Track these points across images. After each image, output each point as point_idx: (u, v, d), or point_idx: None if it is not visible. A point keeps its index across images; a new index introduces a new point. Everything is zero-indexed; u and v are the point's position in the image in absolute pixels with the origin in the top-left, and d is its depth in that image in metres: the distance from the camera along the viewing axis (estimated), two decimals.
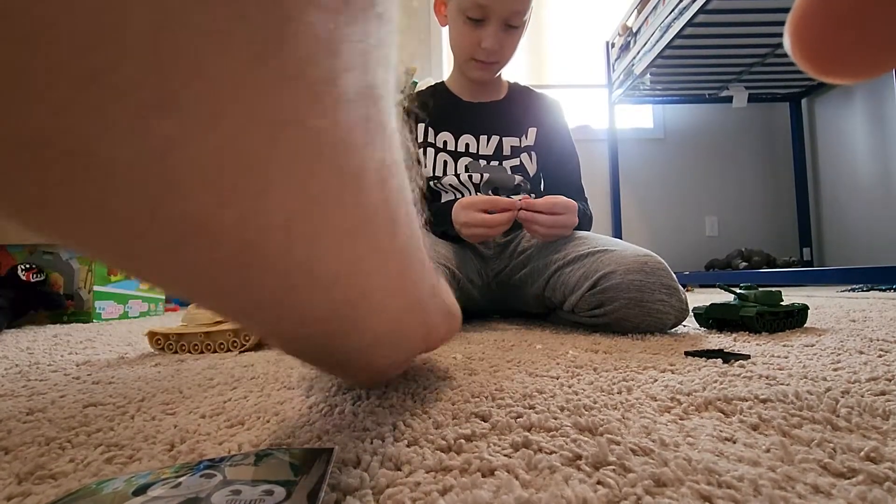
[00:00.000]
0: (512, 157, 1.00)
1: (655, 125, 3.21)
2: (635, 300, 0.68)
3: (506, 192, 0.98)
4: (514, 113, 1.02)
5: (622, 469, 0.22)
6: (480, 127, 1.00)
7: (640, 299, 0.68)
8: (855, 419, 0.28)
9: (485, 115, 1.01)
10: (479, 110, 1.01)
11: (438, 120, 1.00)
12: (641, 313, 0.68)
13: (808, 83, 2.79)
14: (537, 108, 1.04)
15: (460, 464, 0.22)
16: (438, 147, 0.99)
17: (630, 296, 0.68)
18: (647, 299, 0.68)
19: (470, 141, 0.99)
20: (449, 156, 1.00)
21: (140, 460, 0.25)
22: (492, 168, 0.99)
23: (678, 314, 0.70)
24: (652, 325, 0.69)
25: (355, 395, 0.36)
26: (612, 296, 0.69)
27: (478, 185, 0.98)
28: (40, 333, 0.88)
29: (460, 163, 1.00)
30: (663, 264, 0.73)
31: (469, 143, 0.99)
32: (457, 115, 1.01)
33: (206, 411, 0.33)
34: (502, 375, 0.42)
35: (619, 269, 0.71)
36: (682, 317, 0.70)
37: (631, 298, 0.68)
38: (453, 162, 1.00)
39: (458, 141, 0.99)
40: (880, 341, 0.56)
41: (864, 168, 2.61)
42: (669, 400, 0.33)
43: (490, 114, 1.01)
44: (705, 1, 1.91)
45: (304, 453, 0.23)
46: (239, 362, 0.53)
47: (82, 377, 0.47)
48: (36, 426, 0.30)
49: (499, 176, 0.98)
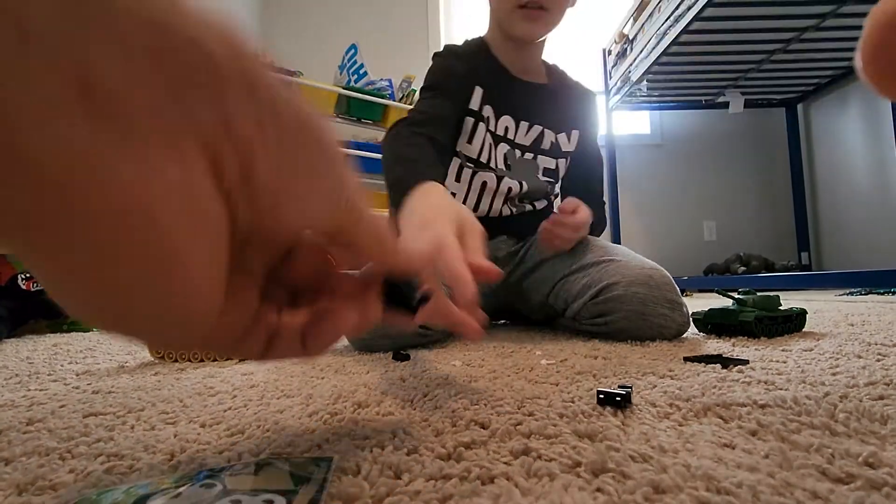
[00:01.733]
0: (549, 155, 0.91)
1: (653, 131, 3.23)
2: (637, 312, 0.68)
3: (532, 203, 0.93)
4: (558, 104, 0.91)
5: (621, 476, 0.22)
6: (523, 111, 0.87)
7: (641, 312, 0.68)
8: (853, 424, 0.28)
9: (529, 98, 0.88)
10: (524, 90, 0.88)
11: (486, 90, 0.86)
12: (643, 326, 0.68)
13: (803, 88, 2.81)
14: (579, 103, 0.94)
15: (460, 472, 0.23)
16: (486, 120, 0.85)
17: (632, 308, 0.68)
18: (649, 312, 0.68)
19: (509, 125, 0.87)
20: (492, 137, 0.87)
21: (140, 470, 0.25)
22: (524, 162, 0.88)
23: (679, 328, 0.69)
24: (652, 337, 0.68)
25: (355, 402, 0.36)
26: (614, 306, 0.69)
27: (513, 199, 0.89)
28: (40, 343, 0.88)
29: (499, 149, 0.87)
30: (668, 278, 0.72)
31: (508, 128, 0.87)
32: (502, 89, 0.86)
33: (206, 420, 0.33)
34: (502, 382, 0.42)
35: (623, 280, 0.70)
36: (682, 330, 0.70)
37: (633, 310, 0.68)
38: (494, 146, 0.87)
39: (499, 122, 0.86)
40: (878, 345, 0.56)
41: (860, 172, 2.62)
42: (668, 406, 0.33)
43: (534, 98, 0.88)
44: (700, 8, 1.93)
45: (304, 462, 0.23)
46: (238, 371, 0.53)
47: (82, 387, 0.47)
48: (36, 436, 0.30)
49: (535, 186, 0.89)
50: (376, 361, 0.56)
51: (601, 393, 0.33)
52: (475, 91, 0.84)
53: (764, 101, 2.96)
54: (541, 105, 0.89)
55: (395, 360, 0.56)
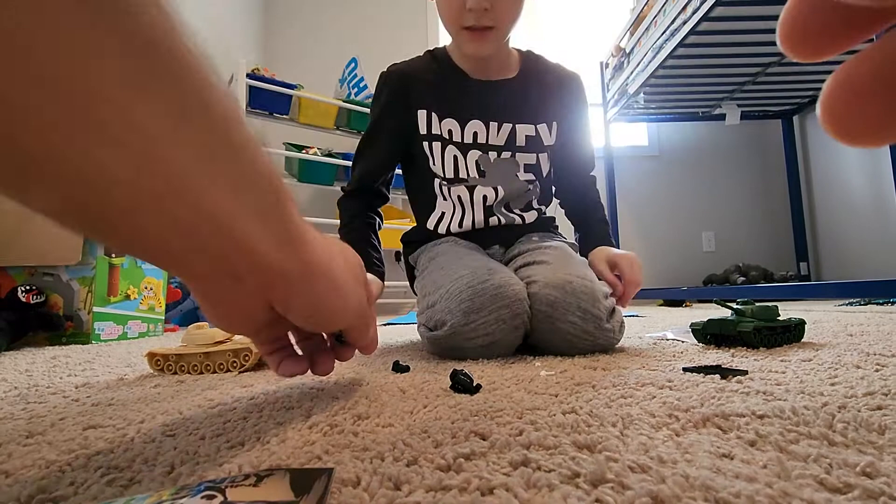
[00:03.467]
0: (527, 151, 0.87)
1: (650, 143, 3.26)
2: (545, 314, 0.65)
3: (518, 206, 0.89)
4: (529, 94, 0.87)
5: (620, 486, 0.22)
6: (490, 111, 0.85)
7: (549, 315, 0.65)
8: (851, 434, 0.28)
9: (495, 97, 0.85)
10: (487, 90, 0.86)
11: (440, 102, 0.85)
12: (550, 330, 0.65)
13: (799, 101, 2.84)
14: (557, 88, 0.89)
15: (459, 483, 0.23)
16: (445, 138, 0.84)
17: (540, 309, 0.66)
18: (557, 317, 0.65)
19: (479, 129, 0.84)
20: (457, 149, 0.84)
21: (140, 483, 0.25)
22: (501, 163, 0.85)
23: (593, 341, 0.65)
24: (566, 348, 0.65)
25: (355, 414, 0.36)
26: (530, 304, 0.67)
27: (490, 208, 0.86)
28: (39, 355, 0.88)
29: (470, 157, 0.84)
30: (590, 289, 0.66)
31: (477, 132, 0.84)
32: (462, 95, 0.85)
33: (206, 433, 0.33)
34: (501, 393, 0.42)
35: (540, 280, 0.68)
36: (600, 344, 0.66)
37: (541, 311, 0.66)
38: (463, 157, 0.84)
39: (465, 129, 0.84)
40: (877, 356, 0.56)
41: (857, 182, 2.64)
42: (667, 416, 0.33)
43: (501, 95, 0.86)
44: (696, 22, 1.96)
45: (304, 473, 0.23)
46: (238, 382, 0.53)
47: (81, 399, 0.47)
48: (36, 449, 0.30)
49: (513, 189, 0.86)
50: (376, 373, 0.56)
51: (456, 382, 0.44)
52: (419, 115, 0.85)
53: (760, 112, 2.99)
54: (510, 100, 0.86)
55: (394, 371, 0.56)
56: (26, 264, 1.14)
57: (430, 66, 0.88)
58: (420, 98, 0.86)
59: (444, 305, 0.67)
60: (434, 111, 0.85)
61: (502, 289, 0.65)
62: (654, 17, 2.29)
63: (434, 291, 0.71)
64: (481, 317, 0.64)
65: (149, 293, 1.33)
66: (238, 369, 0.62)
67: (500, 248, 0.89)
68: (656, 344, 0.78)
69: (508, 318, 0.64)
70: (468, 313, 0.64)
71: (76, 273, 1.15)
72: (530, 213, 0.90)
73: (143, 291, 1.30)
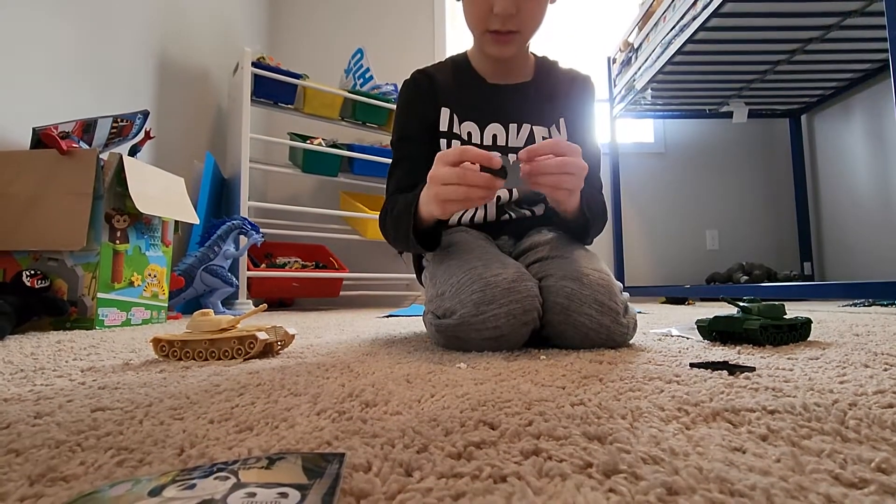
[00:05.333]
0: None
1: (656, 139, 3.24)
2: (562, 307, 0.65)
3: (529, 204, 0.89)
4: (542, 97, 0.90)
5: (633, 477, 0.22)
6: (508, 114, 0.87)
7: (566, 307, 0.65)
8: (864, 431, 0.28)
9: (513, 100, 0.88)
10: (506, 94, 0.88)
11: (461, 104, 0.87)
12: (565, 322, 0.65)
13: (807, 99, 2.82)
14: (566, 90, 0.91)
15: (471, 470, 0.22)
16: (464, 140, 0.86)
17: (557, 300, 0.66)
18: (573, 310, 0.65)
19: (498, 131, 0.86)
20: None
21: (150, 464, 0.25)
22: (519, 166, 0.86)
23: (609, 334, 0.65)
24: (581, 341, 0.65)
25: (363, 401, 0.36)
26: (545, 297, 0.67)
27: (503, 206, 0.88)
28: (44, 339, 0.88)
29: None
30: (607, 282, 0.67)
31: (497, 135, 0.86)
32: (482, 99, 0.88)
33: (214, 416, 0.33)
34: (508, 385, 0.42)
35: (556, 273, 0.68)
36: (616, 338, 0.66)
37: (557, 303, 0.66)
38: None
39: (485, 132, 0.86)
40: (885, 355, 0.56)
41: (864, 183, 2.62)
42: (677, 410, 0.33)
43: (518, 98, 0.88)
44: (706, 18, 1.94)
45: (316, 458, 0.23)
46: (244, 369, 0.53)
47: (88, 382, 0.47)
48: (45, 429, 0.30)
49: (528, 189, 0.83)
50: (381, 362, 0.56)
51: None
52: (442, 112, 0.86)
53: (768, 111, 2.97)
54: (525, 103, 0.88)
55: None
56: (31, 249, 1.14)
57: (452, 70, 0.91)
58: (445, 96, 0.88)
59: (455, 294, 0.67)
60: (455, 112, 0.87)
61: (515, 283, 0.65)
62: (663, 13, 2.27)
63: (445, 280, 0.71)
64: (492, 309, 0.64)
65: (152, 280, 1.33)
66: (243, 356, 0.62)
67: (510, 238, 0.89)
68: (661, 340, 0.78)
69: (519, 313, 0.64)
70: (479, 304, 0.64)
71: (81, 259, 1.16)
72: (540, 206, 0.91)
73: (146, 278, 1.31)
